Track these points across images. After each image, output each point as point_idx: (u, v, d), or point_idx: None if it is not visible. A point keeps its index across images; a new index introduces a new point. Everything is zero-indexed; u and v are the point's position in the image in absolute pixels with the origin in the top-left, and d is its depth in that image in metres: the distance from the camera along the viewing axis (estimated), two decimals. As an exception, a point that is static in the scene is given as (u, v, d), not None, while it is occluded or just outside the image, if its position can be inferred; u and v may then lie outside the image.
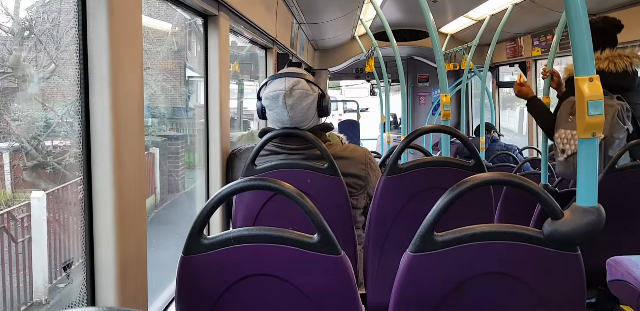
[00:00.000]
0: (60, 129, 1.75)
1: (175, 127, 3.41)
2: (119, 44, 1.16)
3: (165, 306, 1.84)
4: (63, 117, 1.69)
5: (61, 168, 1.77)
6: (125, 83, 1.19)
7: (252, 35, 3.07)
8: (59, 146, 1.80)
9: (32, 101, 1.68)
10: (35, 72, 1.64)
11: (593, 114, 1.09)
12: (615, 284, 2.49)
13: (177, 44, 3.17)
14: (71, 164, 1.70)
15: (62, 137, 1.79)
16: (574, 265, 1.18)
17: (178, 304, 1.20)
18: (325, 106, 2.03)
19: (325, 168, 1.94)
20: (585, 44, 1.10)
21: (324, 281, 1.19)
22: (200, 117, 2.30)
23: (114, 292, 1.17)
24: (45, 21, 1.63)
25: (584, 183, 1.18)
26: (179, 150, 3.19)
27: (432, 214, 1.17)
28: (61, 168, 1.77)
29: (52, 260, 1.76)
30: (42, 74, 1.69)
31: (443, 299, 1.21)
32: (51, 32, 1.65)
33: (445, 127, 2.04)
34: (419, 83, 10.08)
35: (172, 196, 3.23)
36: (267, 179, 1.20)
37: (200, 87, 2.76)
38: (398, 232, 1.94)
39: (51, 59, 1.66)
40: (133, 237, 1.23)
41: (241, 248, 1.17)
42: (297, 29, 4.97)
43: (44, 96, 1.75)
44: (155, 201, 2.98)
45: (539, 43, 5.71)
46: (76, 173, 1.18)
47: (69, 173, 1.78)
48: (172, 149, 3.20)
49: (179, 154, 3.18)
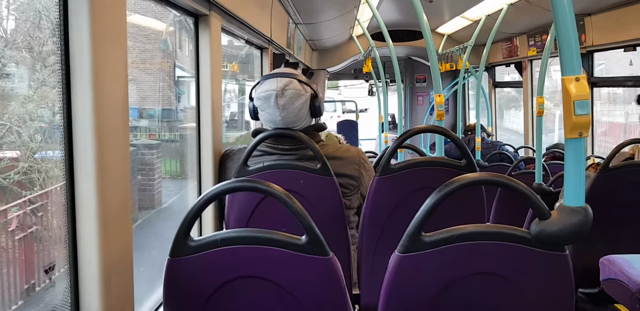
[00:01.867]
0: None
1: (159, 131, 3.27)
2: (102, 43, 1.15)
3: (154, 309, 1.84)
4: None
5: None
6: (109, 83, 1.18)
7: (246, 35, 3.06)
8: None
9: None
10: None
11: (579, 114, 1.09)
12: (609, 283, 2.49)
13: (165, 42, 3.02)
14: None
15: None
16: (562, 265, 1.18)
17: (166, 307, 1.20)
18: (317, 106, 2.02)
19: (318, 169, 1.94)
20: (571, 44, 1.10)
21: (312, 282, 1.19)
22: (191, 119, 2.28)
23: (98, 297, 1.16)
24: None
25: (571, 183, 1.18)
26: (154, 160, 2.99)
27: (419, 215, 1.17)
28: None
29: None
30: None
31: (432, 299, 1.21)
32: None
33: (437, 128, 2.04)
34: (417, 83, 10.08)
35: (144, 214, 2.97)
36: (255, 180, 1.19)
37: (192, 87, 2.72)
38: (391, 232, 1.94)
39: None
40: (118, 241, 1.22)
41: (228, 250, 1.17)
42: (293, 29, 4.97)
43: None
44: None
45: (535, 43, 5.71)
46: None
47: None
48: (146, 160, 2.99)
49: (155, 165, 2.99)
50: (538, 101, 3.61)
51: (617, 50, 4.31)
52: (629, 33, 3.96)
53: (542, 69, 3.79)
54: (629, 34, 3.96)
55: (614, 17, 4.12)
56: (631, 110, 8.21)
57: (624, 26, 4.01)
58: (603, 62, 7.51)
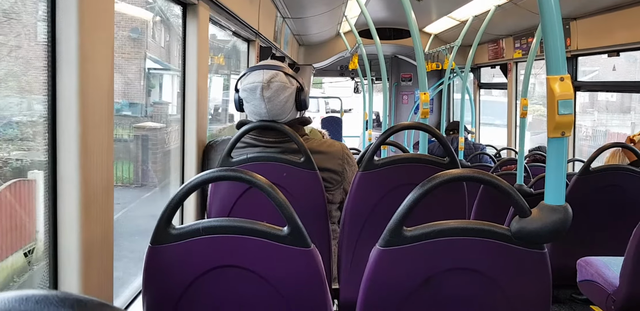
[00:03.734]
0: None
1: (116, 129, 3.14)
2: (89, 27, 1.14)
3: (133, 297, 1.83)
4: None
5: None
6: (95, 68, 1.17)
7: (233, 27, 3.04)
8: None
9: None
10: None
11: (563, 114, 1.10)
12: (585, 284, 2.53)
13: (136, 30, 2.79)
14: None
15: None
16: (540, 263, 1.19)
17: (145, 294, 1.19)
18: (303, 99, 2.02)
19: (302, 162, 1.94)
20: (557, 44, 1.11)
21: (293, 273, 1.19)
22: (163, 114, 2.24)
23: (77, 279, 1.15)
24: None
25: (552, 181, 1.19)
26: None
27: (401, 209, 1.18)
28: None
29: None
30: None
31: (411, 293, 1.22)
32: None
33: (421, 125, 2.05)
34: (402, 82, 10.11)
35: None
36: (239, 170, 1.19)
37: (164, 81, 2.62)
38: (372, 227, 1.95)
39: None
40: (99, 224, 1.21)
41: (210, 239, 1.17)
42: (281, 23, 4.95)
43: None
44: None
45: (520, 45, 5.76)
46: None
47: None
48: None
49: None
50: (522, 103, 3.65)
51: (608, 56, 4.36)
52: (613, 38, 4.01)
53: (527, 71, 3.82)
54: (613, 39, 4.01)
55: (599, 22, 4.18)
56: (635, 118, 8.29)
57: (609, 31, 4.06)
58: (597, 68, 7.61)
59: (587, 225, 2.77)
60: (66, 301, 0.38)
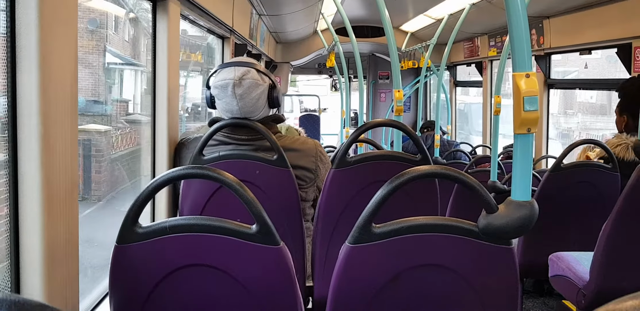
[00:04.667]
0: None
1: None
2: (51, 21, 1.12)
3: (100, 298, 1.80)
4: None
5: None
6: (57, 63, 1.15)
7: (207, 24, 3.02)
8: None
9: None
10: None
11: (529, 110, 1.11)
12: (557, 279, 2.56)
13: (94, 21, 2.51)
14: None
15: None
16: (507, 258, 1.21)
17: (112, 295, 1.18)
18: (276, 96, 2.02)
19: (275, 160, 1.93)
20: (523, 42, 1.12)
21: (262, 272, 1.18)
22: (124, 113, 2.17)
23: (40, 281, 1.13)
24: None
25: (518, 177, 1.20)
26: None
27: (370, 206, 1.18)
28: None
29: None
30: None
31: (380, 290, 1.22)
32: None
33: (394, 122, 2.06)
34: (380, 80, 10.14)
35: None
36: (207, 167, 1.18)
37: (125, 77, 2.50)
38: (345, 224, 1.95)
39: None
40: (62, 224, 1.19)
41: (177, 238, 1.15)
42: (257, 20, 4.93)
43: None
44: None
45: (495, 44, 5.81)
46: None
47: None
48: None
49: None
50: (495, 100, 3.68)
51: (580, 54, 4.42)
52: (585, 36, 4.07)
53: (500, 69, 3.86)
54: (585, 37, 4.07)
55: (571, 21, 4.23)
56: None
57: (581, 30, 4.12)
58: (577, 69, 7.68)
59: (559, 221, 2.81)
60: (4, 302, 0.37)
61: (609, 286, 2.18)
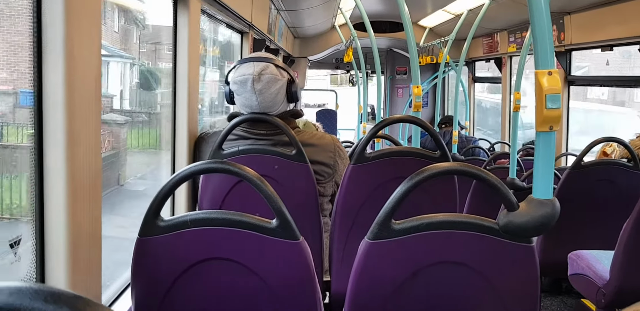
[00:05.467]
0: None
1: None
2: (76, 15, 1.13)
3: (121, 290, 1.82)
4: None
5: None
6: (82, 57, 1.16)
7: (226, 19, 3.03)
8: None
9: None
10: None
11: (551, 108, 1.10)
12: (576, 278, 2.54)
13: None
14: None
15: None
16: (528, 257, 1.20)
17: (133, 287, 1.19)
18: (294, 91, 2.02)
19: (293, 155, 1.94)
20: (546, 39, 1.11)
21: (281, 266, 1.19)
22: (108, 109, 2.05)
23: (64, 271, 1.15)
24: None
25: (540, 175, 1.19)
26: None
27: (390, 202, 1.18)
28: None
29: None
30: None
31: (399, 286, 1.22)
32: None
33: (412, 118, 2.05)
34: (397, 75, 10.10)
35: None
36: (228, 162, 1.19)
37: (111, 70, 2.40)
38: (364, 220, 1.95)
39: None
40: (86, 216, 1.21)
41: (198, 232, 1.17)
42: (275, 15, 4.93)
43: None
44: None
45: (515, 39, 5.76)
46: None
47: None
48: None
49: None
50: (515, 97, 3.65)
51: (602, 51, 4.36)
52: (607, 33, 4.01)
53: (521, 65, 3.83)
54: (607, 33, 4.01)
55: (593, 17, 4.18)
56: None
57: (602, 26, 4.06)
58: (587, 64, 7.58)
59: (579, 219, 2.79)
60: (40, 293, 0.38)
61: (630, 285, 2.16)
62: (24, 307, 0.37)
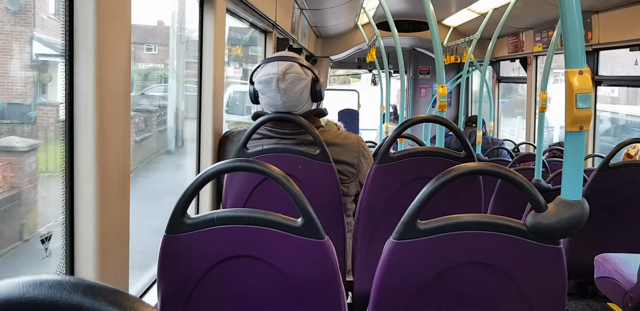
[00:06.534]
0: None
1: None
2: (106, 16, 1.15)
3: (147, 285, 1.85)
4: None
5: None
6: (112, 58, 1.18)
7: (250, 18, 3.04)
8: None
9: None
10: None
11: (581, 107, 1.09)
12: (603, 281, 2.50)
13: (14, 1, 1.81)
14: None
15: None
16: (556, 258, 1.18)
17: (160, 284, 1.21)
18: (319, 90, 2.02)
19: (317, 154, 1.94)
20: (577, 38, 1.10)
21: (306, 264, 1.20)
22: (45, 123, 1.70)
23: (93, 268, 1.17)
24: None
25: (569, 176, 1.18)
26: None
27: (416, 202, 1.17)
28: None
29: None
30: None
31: (425, 287, 1.21)
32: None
33: (438, 118, 2.04)
34: (420, 75, 10.04)
35: None
36: (254, 161, 1.20)
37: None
38: (387, 220, 1.95)
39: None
40: (115, 211, 1.23)
41: (224, 229, 1.18)
42: (298, 15, 4.94)
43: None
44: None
45: (541, 39, 5.68)
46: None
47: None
48: None
49: None
50: (541, 97, 3.61)
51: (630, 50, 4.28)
52: (635, 32, 3.94)
53: (547, 65, 3.77)
54: (635, 33, 3.94)
55: (621, 16, 4.10)
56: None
57: (631, 25, 3.99)
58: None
59: (606, 221, 2.74)
60: (79, 286, 0.39)
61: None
62: (64, 300, 0.38)
